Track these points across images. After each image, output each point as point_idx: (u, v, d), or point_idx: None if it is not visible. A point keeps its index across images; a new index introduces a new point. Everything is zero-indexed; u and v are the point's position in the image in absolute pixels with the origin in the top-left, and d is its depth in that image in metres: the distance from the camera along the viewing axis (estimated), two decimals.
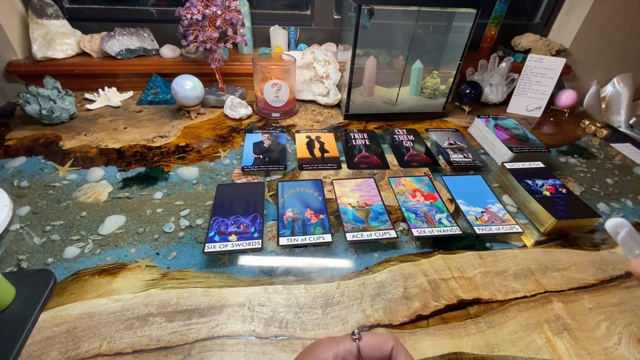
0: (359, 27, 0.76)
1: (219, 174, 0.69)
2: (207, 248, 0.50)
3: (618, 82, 1.17)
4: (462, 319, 0.45)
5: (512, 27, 1.15)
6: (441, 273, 0.51)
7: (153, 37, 1.00)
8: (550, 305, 0.48)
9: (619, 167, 0.80)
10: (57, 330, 0.42)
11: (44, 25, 0.92)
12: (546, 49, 1.09)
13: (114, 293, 0.46)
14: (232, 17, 0.82)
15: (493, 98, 1.01)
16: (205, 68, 0.92)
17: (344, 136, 0.82)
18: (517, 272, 0.52)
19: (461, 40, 0.83)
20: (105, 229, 0.55)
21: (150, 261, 0.51)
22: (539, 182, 0.66)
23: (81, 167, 0.68)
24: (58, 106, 0.78)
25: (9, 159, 0.69)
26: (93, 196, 0.61)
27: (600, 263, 0.55)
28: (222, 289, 0.47)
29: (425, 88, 0.95)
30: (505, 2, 1.02)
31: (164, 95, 0.95)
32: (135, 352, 0.40)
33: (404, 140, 0.82)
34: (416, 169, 0.73)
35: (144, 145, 0.75)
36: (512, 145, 0.77)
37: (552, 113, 1.03)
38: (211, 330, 0.42)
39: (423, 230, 0.57)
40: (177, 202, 0.61)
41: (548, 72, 0.95)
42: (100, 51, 0.95)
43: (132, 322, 0.43)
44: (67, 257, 0.51)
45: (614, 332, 0.45)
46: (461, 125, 0.92)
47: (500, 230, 0.58)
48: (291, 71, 0.85)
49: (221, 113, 0.90)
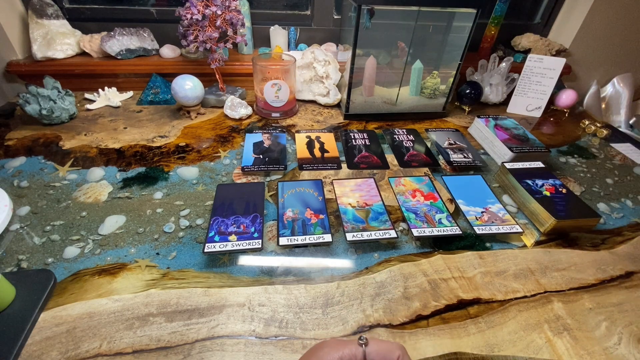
0: (359, 27, 0.76)
1: (219, 174, 0.69)
2: (207, 248, 0.50)
3: (618, 82, 1.17)
4: (462, 319, 0.45)
5: (512, 27, 1.15)
6: (441, 273, 0.51)
7: (153, 37, 1.00)
8: (550, 305, 0.48)
9: (619, 167, 0.80)
10: (57, 330, 0.42)
11: (44, 25, 0.92)
12: (546, 49, 1.09)
13: (114, 293, 0.46)
14: (232, 17, 0.82)
15: (493, 98, 1.01)
16: (205, 68, 0.92)
17: (344, 136, 0.82)
18: (517, 272, 0.52)
19: (461, 40, 0.83)
20: (105, 229, 0.55)
21: (150, 261, 0.51)
22: (539, 182, 0.66)
23: (81, 167, 0.68)
24: (58, 106, 0.78)
25: (9, 159, 0.69)
26: (93, 196, 0.61)
27: (600, 263, 0.55)
28: (222, 289, 0.47)
29: (425, 88, 0.95)
30: (505, 2, 1.02)
31: (164, 95, 0.95)
32: (135, 352, 0.40)
33: (404, 140, 0.82)
34: (416, 169, 0.73)
35: (144, 145, 0.75)
36: (512, 145, 0.77)
37: (552, 113, 1.03)
38: (211, 330, 0.42)
39: (423, 230, 0.57)
40: (177, 202, 0.61)
41: (548, 72, 0.95)
42: (100, 51, 0.95)
43: (132, 322, 0.43)
44: (67, 257, 0.51)
45: (614, 332, 0.45)
46: (461, 125, 0.92)
47: (500, 230, 0.58)
48: (291, 71, 0.85)
49: (221, 113, 0.90)
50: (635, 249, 0.58)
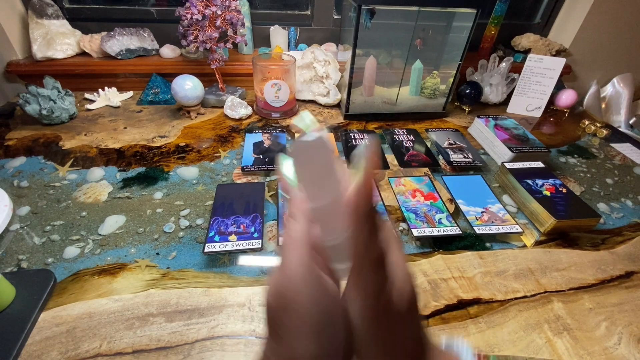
0: (359, 27, 0.76)
1: (219, 174, 0.69)
2: (207, 248, 0.50)
3: (618, 82, 1.17)
4: (462, 319, 0.45)
5: (512, 27, 1.15)
6: (441, 273, 0.51)
7: (153, 37, 1.00)
8: (550, 305, 0.48)
9: (619, 167, 0.80)
10: (57, 330, 0.42)
11: (44, 25, 0.92)
12: (546, 49, 1.09)
13: (114, 293, 0.46)
14: (232, 17, 0.82)
15: (493, 98, 1.01)
16: (205, 68, 0.92)
17: (344, 136, 0.82)
18: (517, 272, 0.52)
19: (461, 40, 0.83)
20: (105, 229, 0.55)
21: (150, 261, 0.51)
22: (539, 182, 0.66)
23: (81, 167, 0.68)
24: (58, 106, 0.78)
25: (9, 159, 0.69)
26: (93, 196, 0.61)
27: (600, 263, 0.55)
28: (222, 289, 0.47)
29: (425, 88, 0.95)
30: (505, 2, 1.02)
31: (164, 95, 0.95)
32: (135, 352, 0.40)
33: (404, 140, 0.82)
34: (416, 169, 0.73)
35: (144, 145, 0.75)
36: (512, 145, 0.76)
37: (552, 113, 1.03)
38: (211, 330, 0.42)
39: (423, 230, 0.57)
40: (177, 202, 0.61)
41: (548, 72, 0.95)
42: (100, 51, 0.95)
43: (132, 322, 0.43)
44: (67, 257, 0.51)
45: (614, 332, 0.45)
46: (461, 125, 0.92)
47: (500, 230, 0.58)
48: (291, 71, 0.85)
49: (221, 113, 0.90)
50: (635, 249, 0.58)
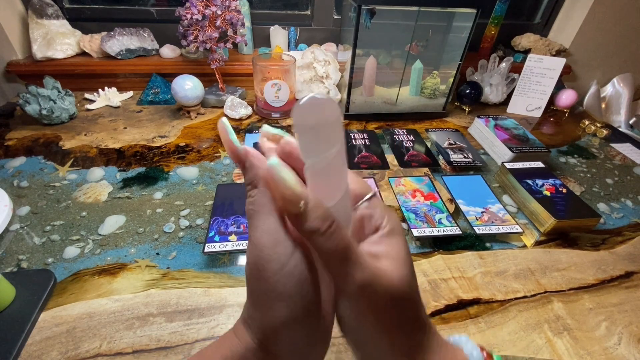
0: (359, 27, 0.76)
1: (219, 174, 0.69)
2: (207, 248, 0.50)
3: (618, 82, 1.17)
4: (462, 319, 0.45)
5: (512, 27, 1.15)
6: (441, 273, 0.51)
7: (153, 37, 1.00)
8: (550, 305, 0.48)
9: (619, 167, 0.80)
10: (57, 330, 0.42)
11: (44, 25, 0.91)
12: (546, 49, 1.09)
13: (114, 293, 0.46)
14: (232, 17, 0.82)
15: (493, 98, 1.01)
16: (205, 68, 0.92)
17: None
18: (517, 272, 0.52)
19: (461, 40, 0.83)
20: (105, 229, 0.55)
21: (150, 261, 0.51)
22: (539, 182, 0.66)
23: (81, 167, 0.68)
24: (58, 106, 0.78)
25: (9, 159, 0.69)
26: (93, 196, 0.61)
27: (600, 263, 0.55)
28: (222, 289, 0.47)
29: (425, 88, 0.95)
30: (505, 2, 1.02)
31: (164, 95, 0.95)
32: (135, 352, 0.40)
33: (404, 140, 0.82)
34: (416, 169, 0.73)
35: (144, 145, 0.75)
36: (512, 145, 0.76)
37: (552, 113, 1.03)
38: (211, 330, 0.42)
39: (423, 230, 0.57)
40: (177, 202, 0.61)
41: (548, 72, 0.95)
42: (100, 51, 0.95)
43: (132, 322, 0.43)
44: (67, 257, 0.51)
45: (614, 332, 0.45)
46: (461, 125, 0.92)
47: (500, 230, 0.58)
48: (291, 71, 0.85)
49: (221, 113, 0.90)
50: (635, 249, 0.58)
